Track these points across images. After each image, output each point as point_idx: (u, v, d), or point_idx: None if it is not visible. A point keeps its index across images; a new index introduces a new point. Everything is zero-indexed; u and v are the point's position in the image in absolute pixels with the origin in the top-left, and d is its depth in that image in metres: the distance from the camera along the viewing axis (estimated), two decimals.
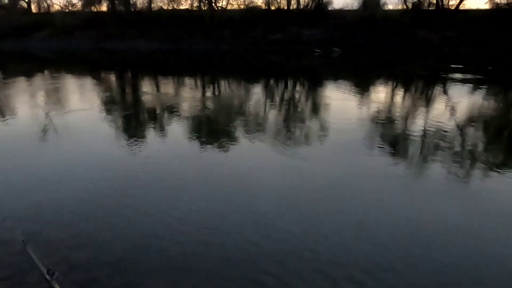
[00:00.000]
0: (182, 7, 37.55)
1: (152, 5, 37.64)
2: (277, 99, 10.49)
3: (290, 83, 14.30)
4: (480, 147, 5.96)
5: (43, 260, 2.41)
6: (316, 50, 26.65)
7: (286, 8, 35.23)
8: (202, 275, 2.67)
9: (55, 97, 10.32)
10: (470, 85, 12.89)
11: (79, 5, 38.86)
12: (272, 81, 14.66)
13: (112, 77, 15.90)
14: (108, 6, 38.45)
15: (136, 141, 6.07)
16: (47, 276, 1.79)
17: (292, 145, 5.80)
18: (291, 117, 8.12)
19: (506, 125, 7.74)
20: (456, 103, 9.42)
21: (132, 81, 14.85)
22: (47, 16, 38.64)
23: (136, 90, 12.12)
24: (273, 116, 8.18)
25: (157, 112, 8.47)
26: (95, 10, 38.45)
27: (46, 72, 17.39)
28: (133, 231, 3.21)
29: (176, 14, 35.23)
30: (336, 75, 16.50)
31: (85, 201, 3.77)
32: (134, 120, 7.99)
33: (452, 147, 5.77)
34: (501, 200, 3.89)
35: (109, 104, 9.45)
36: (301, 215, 3.52)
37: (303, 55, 25.51)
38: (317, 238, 3.11)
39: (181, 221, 3.39)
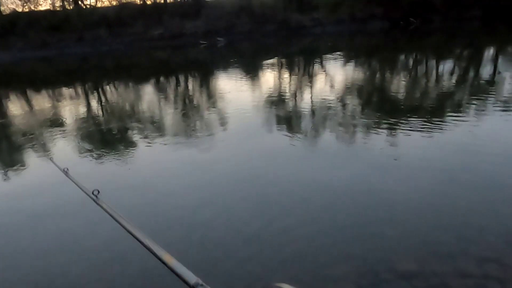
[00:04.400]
0: (41, 8, 32.96)
1: (2, 8, 32.08)
2: (170, 96, 10.12)
3: (181, 78, 13.95)
4: (360, 109, 6.79)
5: None
6: (202, 42, 26.54)
7: (163, 1, 34.00)
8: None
9: None
10: (342, 59, 14.54)
11: None
12: (161, 78, 14.08)
13: None
14: None
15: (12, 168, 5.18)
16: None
17: (194, 141, 5.68)
18: (188, 113, 7.94)
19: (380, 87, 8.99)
20: (335, 75, 10.53)
21: None
22: None
23: None
24: (169, 115, 7.88)
25: (32, 132, 7.33)
26: None
27: None
28: None
29: (35, 17, 30.76)
30: (225, 64, 16.74)
31: None
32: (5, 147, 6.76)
33: (337, 115, 6.44)
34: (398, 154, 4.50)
35: None
36: (213, 207, 3.49)
37: (189, 48, 25.12)
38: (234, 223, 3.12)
39: None
